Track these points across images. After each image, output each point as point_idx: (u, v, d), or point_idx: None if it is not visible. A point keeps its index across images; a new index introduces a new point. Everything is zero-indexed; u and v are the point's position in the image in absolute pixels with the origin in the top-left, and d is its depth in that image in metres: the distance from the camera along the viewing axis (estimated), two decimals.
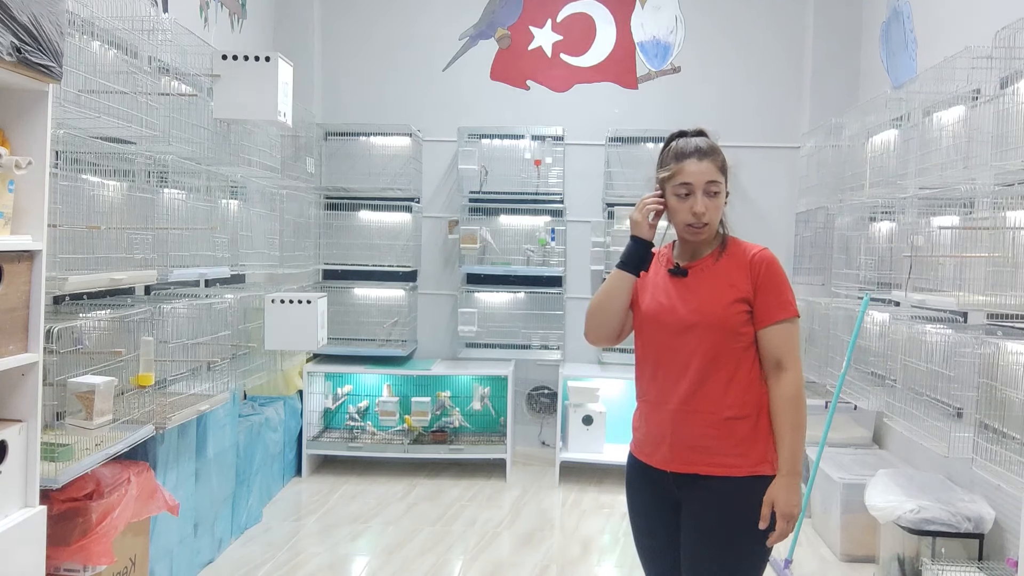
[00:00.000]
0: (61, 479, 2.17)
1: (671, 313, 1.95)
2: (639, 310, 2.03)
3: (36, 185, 1.96)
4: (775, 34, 4.98)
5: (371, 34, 5.13)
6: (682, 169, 1.91)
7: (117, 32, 2.67)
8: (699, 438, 1.90)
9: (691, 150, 1.92)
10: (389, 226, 5.07)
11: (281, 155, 4.02)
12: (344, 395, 4.94)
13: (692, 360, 1.91)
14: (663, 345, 1.97)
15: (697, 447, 1.91)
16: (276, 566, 3.41)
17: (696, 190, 1.90)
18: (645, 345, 2.02)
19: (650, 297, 2.01)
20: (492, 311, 5.09)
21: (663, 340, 1.97)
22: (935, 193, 3.04)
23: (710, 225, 1.94)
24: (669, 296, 1.98)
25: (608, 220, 4.88)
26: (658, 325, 1.97)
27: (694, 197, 1.90)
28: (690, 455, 1.91)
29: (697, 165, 1.90)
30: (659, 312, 1.97)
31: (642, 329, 2.03)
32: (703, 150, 1.93)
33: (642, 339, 2.03)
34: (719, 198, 1.93)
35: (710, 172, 1.91)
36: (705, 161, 1.91)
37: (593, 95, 5.08)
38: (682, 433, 1.92)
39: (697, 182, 1.90)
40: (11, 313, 1.89)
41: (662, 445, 1.95)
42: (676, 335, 1.94)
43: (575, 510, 4.25)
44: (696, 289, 1.96)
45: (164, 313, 2.94)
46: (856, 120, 3.97)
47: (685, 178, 1.90)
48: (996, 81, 2.72)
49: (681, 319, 1.94)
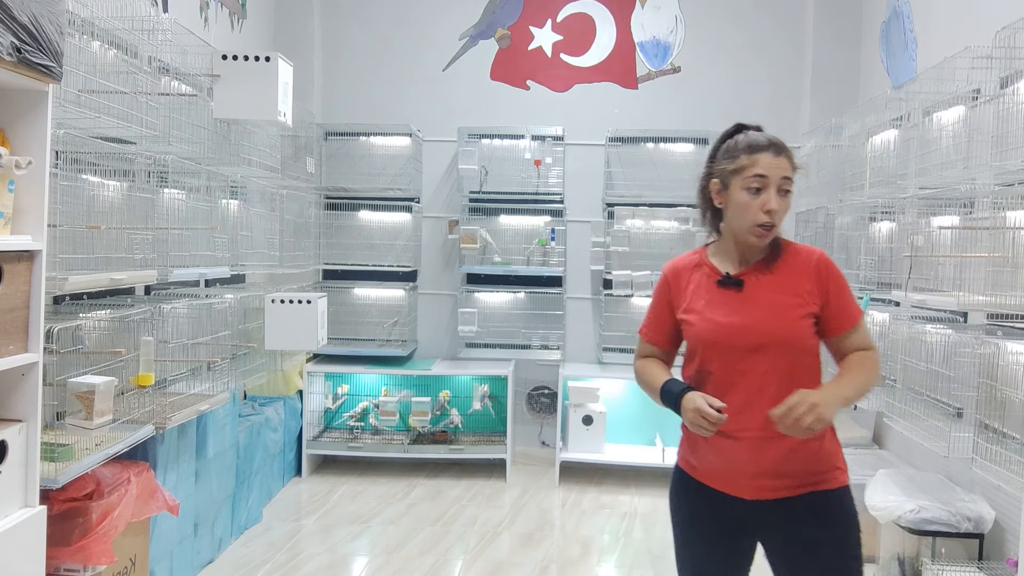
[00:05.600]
0: (61, 479, 2.17)
1: (735, 333, 1.76)
2: (691, 330, 1.83)
3: (36, 185, 1.96)
4: (775, 34, 4.97)
5: (371, 34, 5.13)
6: (757, 161, 1.75)
7: (117, 32, 2.67)
8: (784, 463, 1.74)
9: (766, 143, 1.77)
10: (389, 226, 5.07)
11: (281, 155, 4.02)
12: (344, 395, 4.94)
13: (767, 383, 1.73)
14: (729, 368, 1.77)
15: (784, 472, 1.75)
16: (276, 566, 3.41)
17: (771, 185, 1.73)
18: (704, 366, 1.81)
19: (702, 315, 1.81)
20: (492, 311, 5.09)
21: (729, 363, 1.77)
22: (935, 193, 3.04)
23: (777, 227, 1.77)
24: (726, 312, 1.78)
25: (608, 220, 4.88)
26: (721, 347, 1.78)
27: (767, 193, 1.73)
28: (776, 482, 1.76)
29: (774, 159, 1.75)
30: (720, 332, 1.77)
31: (699, 351, 1.82)
32: (779, 145, 1.78)
33: (699, 360, 1.82)
34: (789, 199, 1.77)
35: (786, 168, 1.76)
36: (782, 156, 1.77)
37: (593, 95, 5.08)
38: (765, 462, 1.75)
39: (773, 176, 1.74)
40: (11, 313, 1.89)
41: (740, 476, 1.77)
42: (744, 357, 1.75)
43: (575, 510, 4.25)
44: (757, 302, 1.77)
45: (164, 313, 2.94)
46: (856, 120, 3.97)
47: (760, 170, 1.74)
48: (996, 81, 2.72)
49: (748, 339, 1.74)
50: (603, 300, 4.95)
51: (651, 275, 4.77)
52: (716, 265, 1.85)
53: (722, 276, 1.81)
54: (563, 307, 5.06)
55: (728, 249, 1.85)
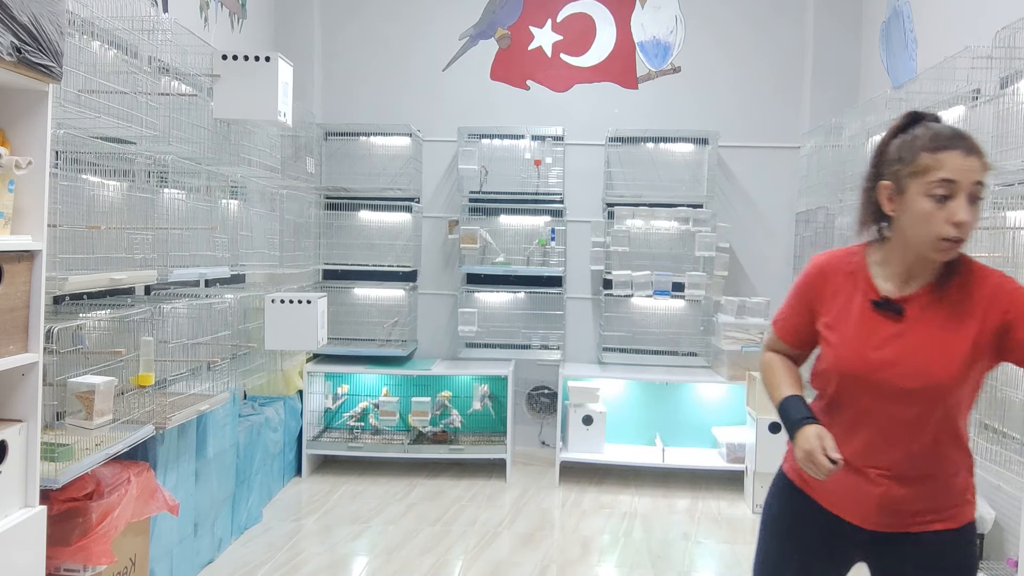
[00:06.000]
0: (61, 479, 2.17)
1: (884, 372, 1.51)
2: (830, 352, 1.59)
3: (36, 185, 1.96)
4: (775, 34, 4.97)
5: (371, 34, 5.13)
6: (943, 162, 1.44)
7: (117, 32, 2.67)
8: (912, 502, 1.58)
9: (953, 137, 1.47)
10: (389, 226, 5.07)
11: (281, 155, 4.02)
12: (344, 395, 4.94)
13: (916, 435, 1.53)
14: (868, 407, 1.56)
15: (909, 511, 1.59)
16: (276, 566, 3.41)
17: (960, 191, 1.43)
18: (839, 397, 1.61)
19: (846, 339, 1.57)
20: (492, 311, 5.09)
21: (869, 402, 1.56)
22: None
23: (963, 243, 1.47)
24: (877, 343, 1.53)
25: (608, 220, 4.88)
26: (864, 385, 1.54)
27: (956, 201, 1.43)
28: (902, 519, 1.59)
29: (964, 159, 1.44)
30: (865, 367, 1.53)
31: (835, 380, 1.60)
32: (969, 142, 1.46)
33: (834, 389, 1.61)
34: (979, 206, 1.46)
35: (978, 170, 1.45)
36: (973, 156, 1.45)
37: (593, 95, 5.08)
38: (891, 502, 1.58)
39: (964, 181, 1.43)
40: (11, 313, 1.89)
41: (864, 507, 1.61)
42: (889, 399, 1.53)
43: (575, 510, 4.25)
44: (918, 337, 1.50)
45: (164, 313, 2.94)
46: (856, 120, 3.97)
47: (949, 174, 1.44)
48: (996, 81, 2.72)
49: (900, 383, 1.50)
50: (603, 300, 4.95)
51: (651, 275, 4.77)
52: (875, 279, 1.57)
53: (879, 298, 1.54)
54: (563, 307, 5.06)
55: (894, 260, 1.56)
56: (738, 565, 3.54)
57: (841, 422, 1.59)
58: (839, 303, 1.60)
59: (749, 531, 3.97)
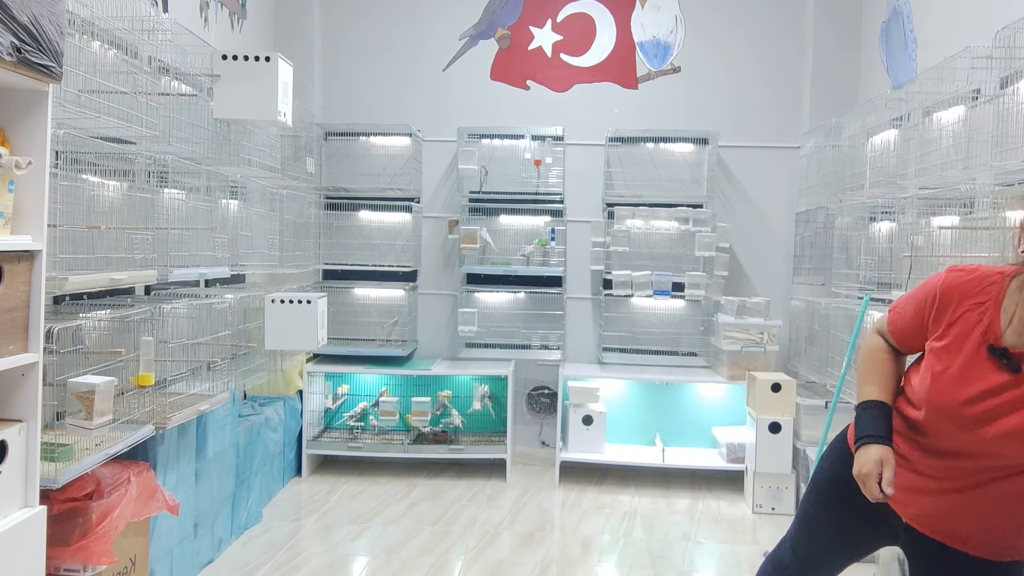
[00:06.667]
0: (61, 479, 2.17)
1: (979, 425, 1.41)
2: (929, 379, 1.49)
3: (36, 185, 1.96)
4: (775, 34, 4.97)
5: (371, 34, 5.13)
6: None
7: (117, 32, 2.67)
8: (960, 528, 1.54)
9: None
10: (389, 226, 5.07)
11: (281, 155, 4.02)
12: (344, 395, 4.94)
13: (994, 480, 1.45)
14: (951, 444, 1.50)
15: (957, 534, 1.56)
16: (276, 566, 3.41)
17: None
18: (927, 422, 1.53)
19: (950, 373, 1.46)
20: (492, 311, 5.09)
21: (954, 444, 1.49)
22: (935, 193, 3.04)
23: None
24: (981, 391, 1.41)
25: (608, 220, 4.88)
26: (951, 427, 1.47)
27: None
28: (945, 533, 1.57)
29: None
30: (958, 415, 1.44)
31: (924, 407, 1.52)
32: None
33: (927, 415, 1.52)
34: None
35: None
36: None
37: (593, 95, 5.08)
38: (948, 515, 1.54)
39: None
40: (11, 313, 1.89)
41: (916, 507, 1.59)
42: (974, 446, 1.45)
43: (575, 510, 4.25)
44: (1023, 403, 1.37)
45: (164, 313, 2.94)
46: (856, 120, 3.97)
47: None
48: (996, 81, 2.72)
49: (992, 439, 1.40)
50: (603, 300, 4.95)
51: (651, 275, 4.77)
52: (1002, 322, 1.42)
53: (999, 346, 1.40)
54: (563, 307, 5.07)
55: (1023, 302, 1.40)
56: (738, 565, 3.54)
57: (924, 444, 1.55)
58: (955, 333, 1.48)
59: (749, 531, 3.97)
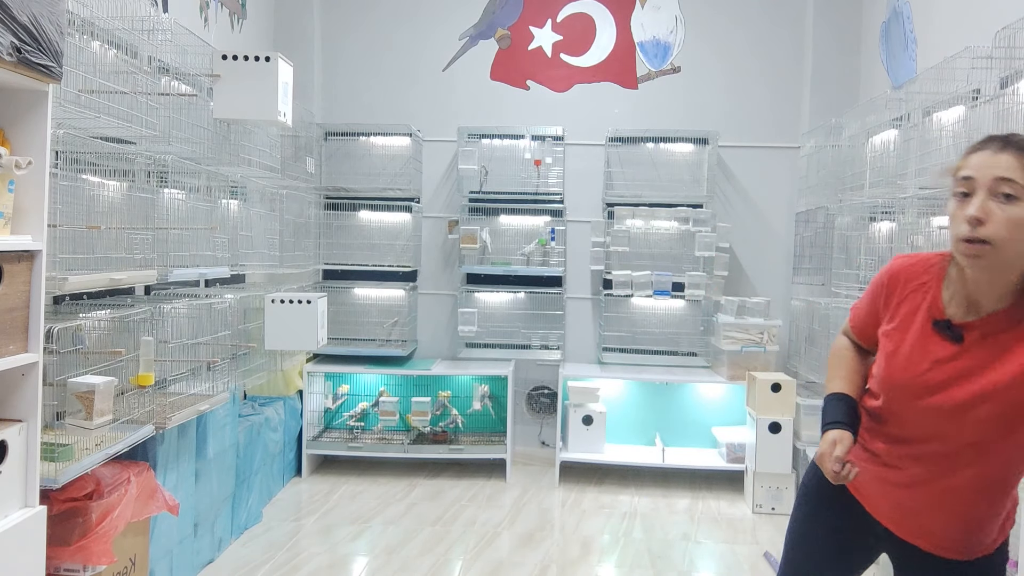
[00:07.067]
0: (61, 479, 2.17)
1: (928, 398, 1.47)
2: (882, 361, 1.56)
3: (36, 185, 1.96)
4: (775, 34, 4.97)
5: (371, 34, 5.13)
6: (968, 161, 1.41)
7: (117, 32, 2.67)
8: (931, 524, 1.56)
9: (992, 138, 1.42)
10: (389, 226, 5.07)
11: (281, 155, 4.02)
12: (344, 395, 4.94)
13: (955, 466, 1.48)
14: (909, 424, 1.53)
15: (929, 531, 1.56)
16: (276, 566, 3.41)
17: (980, 188, 1.36)
18: (887, 404, 1.57)
19: (901, 351, 1.52)
20: (492, 311, 5.09)
21: (910, 422, 1.52)
22: (935, 193, 3.04)
23: (995, 248, 1.35)
24: (930, 365, 1.48)
25: (608, 220, 4.88)
26: (904, 404, 1.52)
27: (973, 197, 1.37)
28: (918, 533, 1.58)
29: (991, 156, 1.37)
30: (910, 389, 1.50)
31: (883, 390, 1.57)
32: (1008, 141, 1.39)
33: (884, 396, 1.57)
34: (1020, 209, 1.34)
35: (1009, 167, 1.35)
36: (1006, 154, 1.36)
37: (593, 95, 5.08)
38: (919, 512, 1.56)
39: (981, 177, 1.37)
40: (11, 313, 1.89)
41: (888, 501, 1.61)
42: (930, 424, 1.49)
43: (575, 510, 4.25)
44: (976, 369, 1.42)
45: (164, 313, 2.94)
46: (856, 120, 3.97)
47: (966, 171, 1.40)
48: (996, 81, 2.72)
49: (940, 409, 1.45)
50: (603, 300, 4.95)
51: (651, 275, 4.77)
52: (943, 297, 1.49)
53: (942, 318, 1.47)
54: (563, 307, 5.07)
55: (959, 279, 1.47)
56: (738, 565, 3.54)
57: (889, 434, 1.58)
58: (903, 313, 1.54)
59: (749, 531, 3.97)
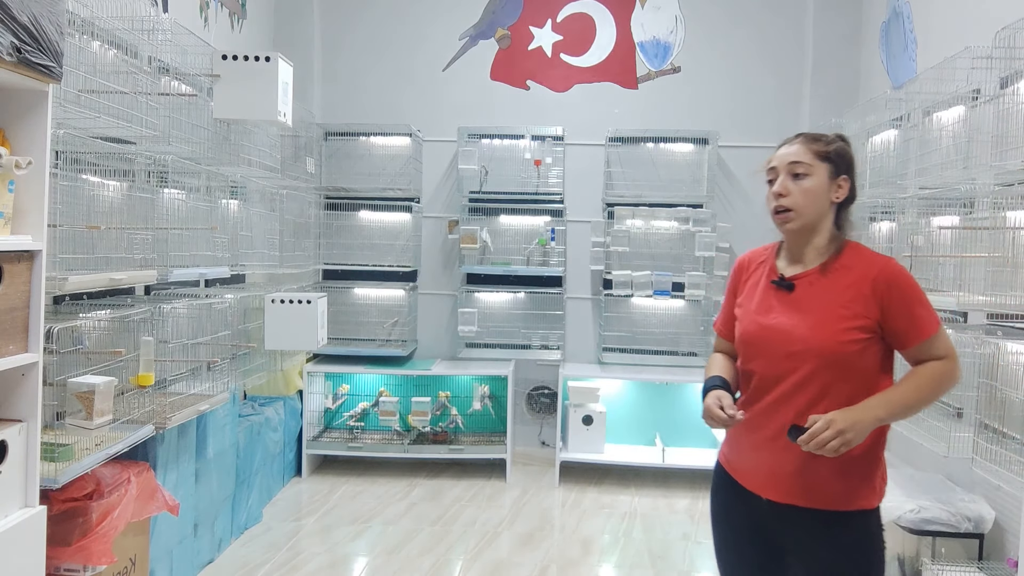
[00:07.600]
0: (61, 479, 2.17)
1: (772, 337, 1.73)
2: (738, 326, 1.84)
3: (36, 185, 1.96)
4: (775, 34, 4.97)
5: (371, 34, 5.13)
6: (773, 156, 1.80)
7: (117, 32, 2.67)
8: (799, 470, 1.70)
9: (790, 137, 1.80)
10: (389, 226, 5.07)
11: (281, 155, 4.02)
12: (344, 395, 4.94)
13: (796, 394, 1.69)
14: (768, 372, 1.75)
15: (797, 478, 1.70)
16: (276, 566, 3.41)
17: (780, 172, 1.75)
18: (745, 365, 1.82)
19: (749, 313, 1.81)
20: (492, 311, 5.09)
21: (767, 367, 1.75)
22: (935, 193, 3.04)
23: (797, 213, 1.73)
24: (771, 314, 1.76)
25: (608, 220, 4.88)
26: (759, 349, 1.76)
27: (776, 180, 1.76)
28: (790, 485, 1.71)
29: (787, 148, 1.77)
30: (759, 334, 1.76)
31: (742, 350, 1.83)
32: (805, 134, 1.78)
33: (742, 359, 1.84)
34: (809, 182, 1.72)
35: (797, 152, 1.74)
36: (796, 144, 1.75)
37: (593, 95, 5.08)
38: (781, 463, 1.72)
39: (780, 164, 1.76)
40: (11, 313, 1.89)
41: (758, 472, 1.77)
42: (780, 362, 1.72)
43: (575, 510, 4.25)
44: (803, 309, 1.71)
45: (164, 313, 2.94)
46: (856, 120, 3.97)
47: (772, 163, 1.79)
48: (996, 81, 2.72)
49: (785, 346, 1.71)
50: (603, 300, 4.95)
51: (651, 275, 4.77)
52: (778, 264, 1.82)
53: (777, 277, 1.79)
54: (563, 307, 5.06)
55: (786, 246, 1.84)
56: None
57: (752, 395, 1.78)
58: (749, 285, 1.86)
59: None
